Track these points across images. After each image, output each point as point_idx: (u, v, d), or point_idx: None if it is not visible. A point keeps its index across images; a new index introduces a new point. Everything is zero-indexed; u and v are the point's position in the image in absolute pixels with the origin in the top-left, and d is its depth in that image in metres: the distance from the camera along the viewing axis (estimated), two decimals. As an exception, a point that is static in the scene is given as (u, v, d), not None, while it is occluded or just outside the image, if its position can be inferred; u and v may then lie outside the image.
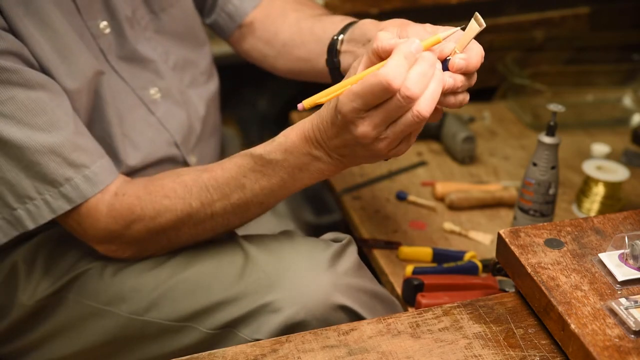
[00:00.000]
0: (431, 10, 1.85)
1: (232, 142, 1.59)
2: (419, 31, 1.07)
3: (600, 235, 1.09)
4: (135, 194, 1.17)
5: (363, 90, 0.96)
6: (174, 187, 1.16)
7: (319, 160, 1.08)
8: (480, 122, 1.80)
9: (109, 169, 1.17)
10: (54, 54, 1.14)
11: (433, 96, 0.97)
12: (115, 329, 1.22)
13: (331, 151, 1.06)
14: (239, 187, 1.13)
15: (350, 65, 1.20)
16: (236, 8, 1.41)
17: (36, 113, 1.11)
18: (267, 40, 1.39)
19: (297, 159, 1.09)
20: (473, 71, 1.02)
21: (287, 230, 1.21)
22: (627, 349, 0.92)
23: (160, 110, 1.30)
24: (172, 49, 1.33)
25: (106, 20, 1.23)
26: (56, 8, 1.15)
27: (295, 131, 1.09)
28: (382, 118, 0.98)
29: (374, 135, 1.00)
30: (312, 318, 1.11)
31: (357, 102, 0.97)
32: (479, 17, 0.99)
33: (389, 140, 1.01)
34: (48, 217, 1.15)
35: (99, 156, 1.16)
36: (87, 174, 1.14)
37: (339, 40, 1.24)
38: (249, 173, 1.12)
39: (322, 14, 1.37)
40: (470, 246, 1.41)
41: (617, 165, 1.49)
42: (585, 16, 1.92)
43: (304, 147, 1.08)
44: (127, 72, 1.26)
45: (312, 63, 1.32)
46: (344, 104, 0.98)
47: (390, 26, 1.13)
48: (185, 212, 1.16)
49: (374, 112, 0.98)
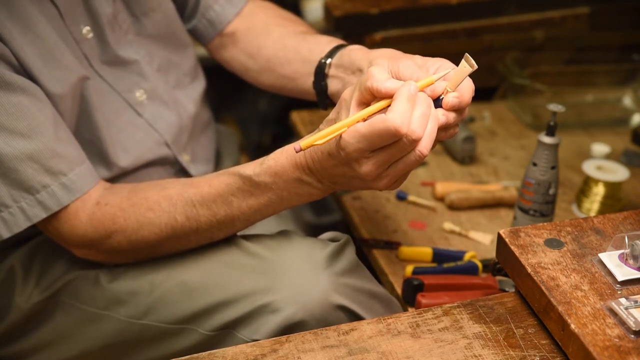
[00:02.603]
0: (431, 11, 1.84)
1: (230, 141, 1.59)
2: (409, 64, 1.09)
3: (600, 235, 1.09)
4: (118, 205, 1.17)
5: (370, 134, 0.99)
6: (158, 200, 1.16)
7: (308, 185, 1.10)
8: (480, 122, 1.80)
9: (87, 176, 1.17)
10: (37, 58, 1.14)
11: (431, 136, 1.00)
12: (114, 332, 1.22)
13: (324, 179, 1.08)
14: (226, 204, 1.14)
15: (337, 91, 1.22)
16: (217, 15, 1.41)
17: (16, 117, 1.10)
18: (250, 54, 1.39)
19: (286, 183, 1.10)
20: (465, 107, 1.06)
21: (284, 230, 1.21)
22: (627, 349, 0.92)
23: (148, 111, 1.30)
24: (155, 52, 1.34)
25: (89, 25, 1.22)
26: (39, 13, 1.14)
27: (285, 155, 1.10)
28: (386, 159, 1.01)
29: (376, 174, 1.03)
30: (311, 318, 1.11)
31: (363, 144, 1.00)
32: (470, 59, 1.01)
33: (390, 178, 1.04)
34: (24, 226, 1.14)
35: (78, 163, 1.16)
36: (64, 181, 1.14)
37: (327, 64, 1.25)
38: (237, 192, 1.13)
39: (306, 31, 1.37)
40: (470, 246, 1.41)
41: (617, 165, 1.49)
42: (585, 16, 1.92)
43: (293, 173, 1.09)
44: (112, 76, 1.26)
45: (297, 82, 1.33)
46: (350, 144, 1.00)
47: (380, 58, 1.14)
48: (169, 225, 1.16)
49: (379, 153, 1.01)
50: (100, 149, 1.23)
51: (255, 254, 1.16)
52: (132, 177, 1.29)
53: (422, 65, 1.09)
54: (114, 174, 1.26)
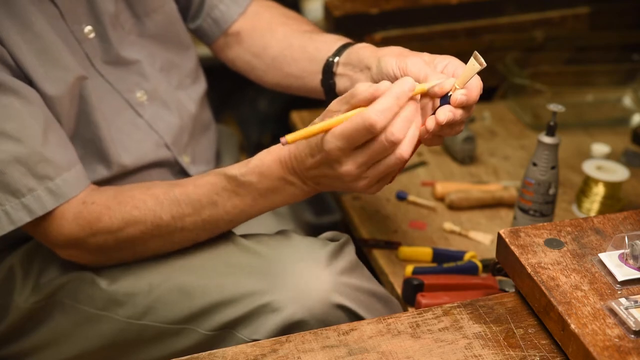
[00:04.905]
0: (431, 11, 1.85)
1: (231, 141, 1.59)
2: (417, 61, 1.09)
3: (600, 235, 1.09)
4: (104, 203, 1.16)
5: (347, 130, 1.00)
6: (144, 198, 1.16)
7: (293, 185, 1.11)
8: (480, 122, 1.80)
9: (75, 182, 1.16)
10: (34, 58, 1.14)
11: (413, 140, 1.01)
12: (113, 333, 1.22)
13: (307, 179, 1.09)
14: (211, 204, 1.14)
15: (346, 88, 1.23)
16: (222, 14, 1.41)
17: (5, 119, 1.10)
18: (256, 53, 1.39)
19: (271, 183, 1.11)
20: (472, 104, 1.06)
21: (284, 230, 1.21)
22: (627, 349, 0.92)
23: (148, 112, 1.30)
24: (157, 52, 1.34)
25: (90, 25, 1.23)
26: (39, 12, 1.14)
27: (271, 156, 1.11)
28: (365, 159, 1.03)
29: (356, 173, 1.04)
30: (311, 317, 1.11)
31: (341, 142, 1.01)
32: (479, 56, 1.03)
33: (369, 179, 1.05)
34: (7, 229, 1.14)
35: (66, 168, 1.15)
36: (50, 186, 1.13)
37: (335, 62, 1.25)
38: (222, 192, 1.14)
39: (311, 30, 1.38)
40: (470, 246, 1.41)
41: (617, 165, 1.49)
42: (585, 16, 1.92)
43: (279, 172, 1.10)
44: (113, 76, 1.26)
45: (304, 81, 1.33)
46: (329, 142, 1.02)
47: (388, 55, 1.14)
48: (154, 224, 1.16)
49: (359, 152, 1.02)
50: (100, 148, 1.23)
51: (255, 254, 1.16)
52: (132, 178, 1.29)
53: (429, 62, 1.10)
54: (114, 174, 1.26)
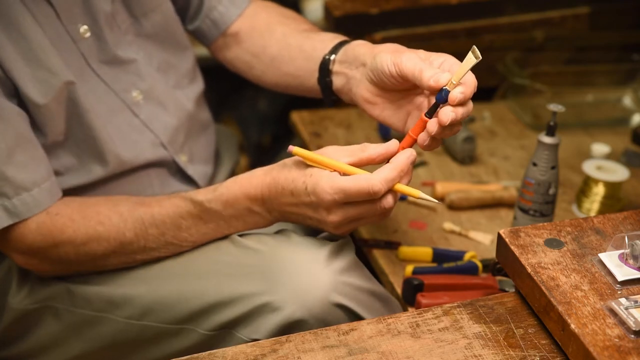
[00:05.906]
0: (431, 11, 1.84)
1: (230, 141, 1.59)
2: (413, 58, 1.10)
3: (600, 235, 1.09)
4: (68, 216, 1.17)
5: (351, 189, 1.05)
6: (109, 214, 1.17)
7: (257, 215, 1.15)
8: (480, 122, 1.80)
9: (36, 202, 1.16)
10: (20, 60, 1.14)
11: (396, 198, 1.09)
12: (113, 333, 1.22)
13: (274, 211, 1.13)
14: (175, 227, 1.17)
15: (342, 86, 1.23)
16: (221, 15, 1.42)
17: None
18: (255, 54, 1.40)
19: (236, 211, 1.15)
20: (468, 99, 1.08)
21: (283, 229, 1.21)
22: (627, 349, 0.92)
23: (144, 112, 1.30)
24: (154, 52, 1.34)
25: (86, 24, 1.22)
26: (28, 13, 1.14)
27: (239, 185, 1.14)
28: (355, 214, 1.09)
29: (340, 223, 1.09)
30: (310, 317, 1.11)
31: (339, 196, 1.06)
32: (476, 50, 1.05)
33: (349, 228, 1.12)
34: None
35: (29, 188, 1.15)
36: (6, 204, 1.14)
37: (331, 60, 1.25)
38: (187, 215, 1.17)
39: (309, 29, 1.38)
40: (470, 246, 1.41)
41: (617, 165, 1.49)
42: (585, 16, 1.92)
43: (244, 203, 1.14)
44: (109, 76, 1.26)
45: (301, 80, 1.33)
46: (327, 193, 1.06)
47: (384, 52, 1.15)
48: (118, 240, 1.17)
49: (351, 207, 1.08)
50: (95, 148, 1.24)
51: (254, 253, 1.16)
52: (129, 178, 1.29)
53: (425, 59, 1.11)
54: (109, 173, 1.26)
